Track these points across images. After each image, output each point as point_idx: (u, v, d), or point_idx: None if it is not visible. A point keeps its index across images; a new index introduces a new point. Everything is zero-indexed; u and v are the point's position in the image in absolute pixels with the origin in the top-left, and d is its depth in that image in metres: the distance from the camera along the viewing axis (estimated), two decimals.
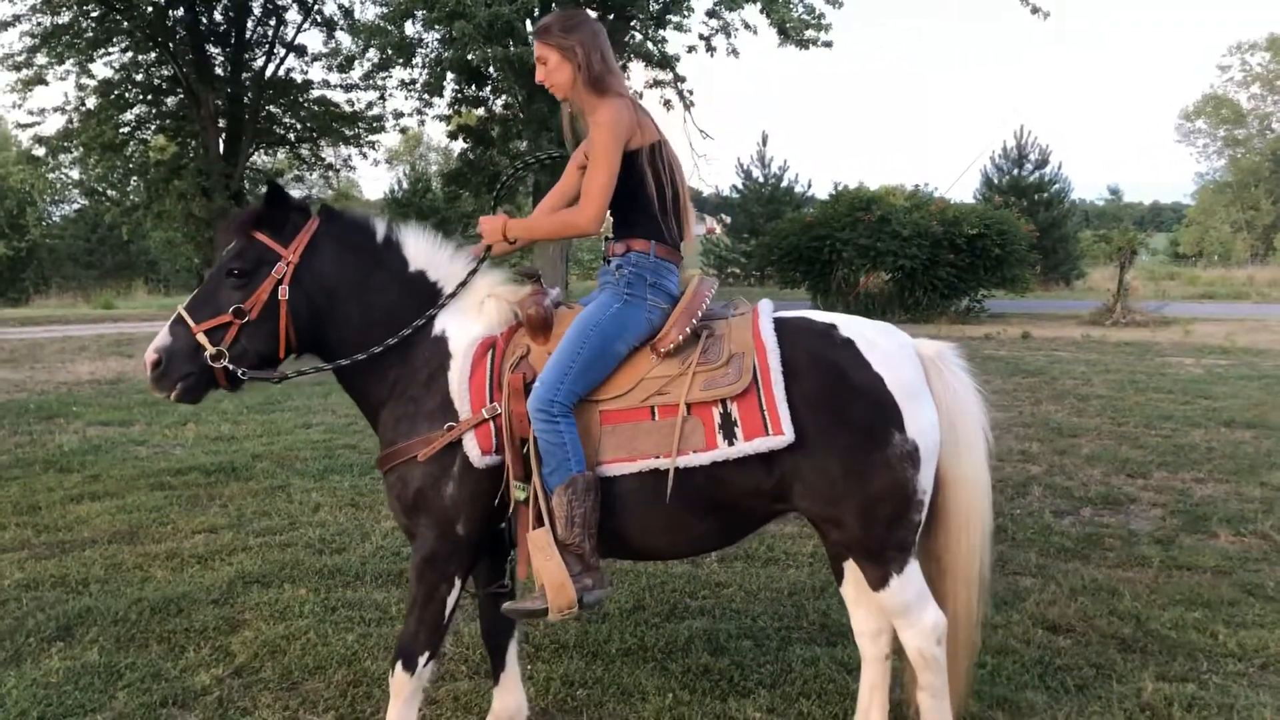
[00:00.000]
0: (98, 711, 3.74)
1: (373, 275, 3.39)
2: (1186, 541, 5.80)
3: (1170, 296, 26.36)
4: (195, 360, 3.37)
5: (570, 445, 3.12)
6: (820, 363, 3.16)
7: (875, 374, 3.14)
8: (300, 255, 3.33)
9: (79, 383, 12.37)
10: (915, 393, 3.18)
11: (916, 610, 3.20)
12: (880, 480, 3.10)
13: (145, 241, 44.33)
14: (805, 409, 3.10)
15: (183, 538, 5.90)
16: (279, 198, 3.41)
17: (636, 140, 3.30)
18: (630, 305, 3.30)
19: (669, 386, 3.18)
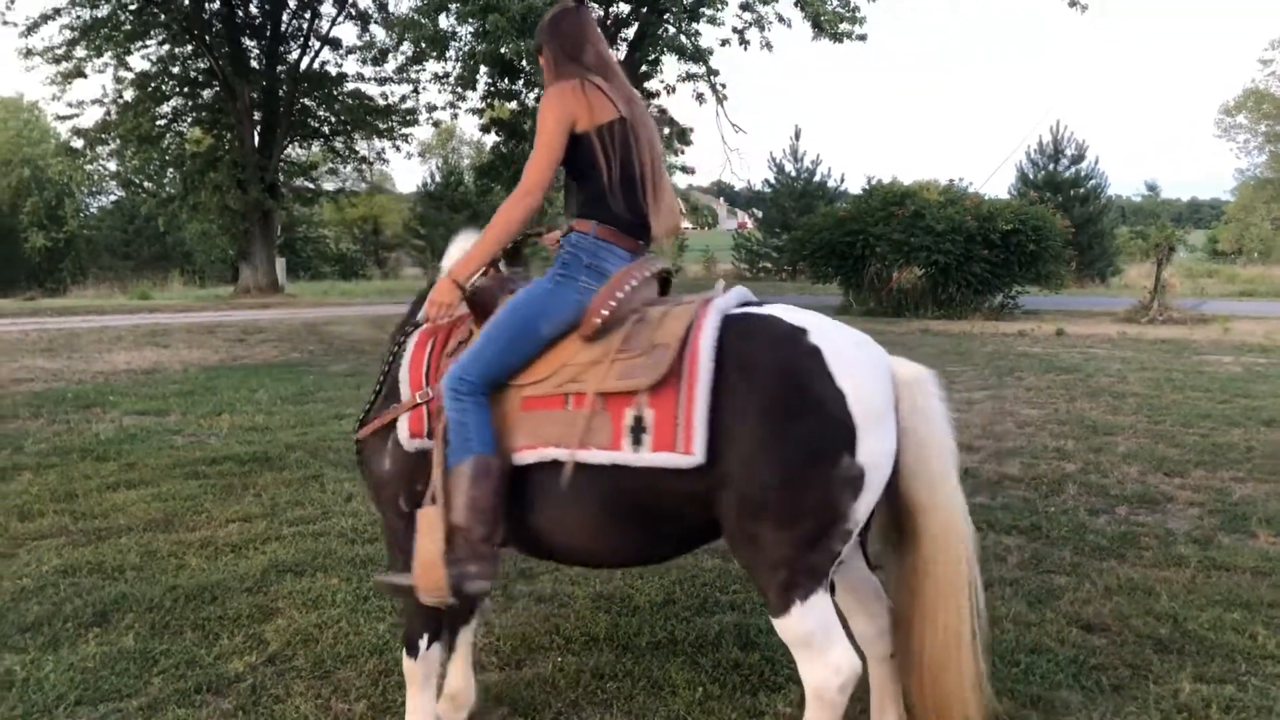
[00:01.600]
0: (133, 696, 3.78)
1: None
2: (1225, 541, 5.72)
3: (1208, 294, 26.01)
4: None
5: (473, 426, 3.06)
6: (778, 367, 2.87)
7: (838, 388, 2.83)
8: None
9: (115, 372, 12.51)
10: (878, 416, 2.87)
11: (819, 645, 2.88)
12: (813, 500, 2.80)
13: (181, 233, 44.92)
14: (749, 416, 2.83)
15: (217, 526, 5.95)
16: None
17: (584, 122, 3.22)
18: (560, 286, 3.21)
19: (586, 374, 3.04)
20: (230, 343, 16.00)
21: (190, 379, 11.94)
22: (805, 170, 45.60)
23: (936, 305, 21.55)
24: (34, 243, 48.03)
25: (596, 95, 3.26)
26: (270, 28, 29.76)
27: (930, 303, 21.65)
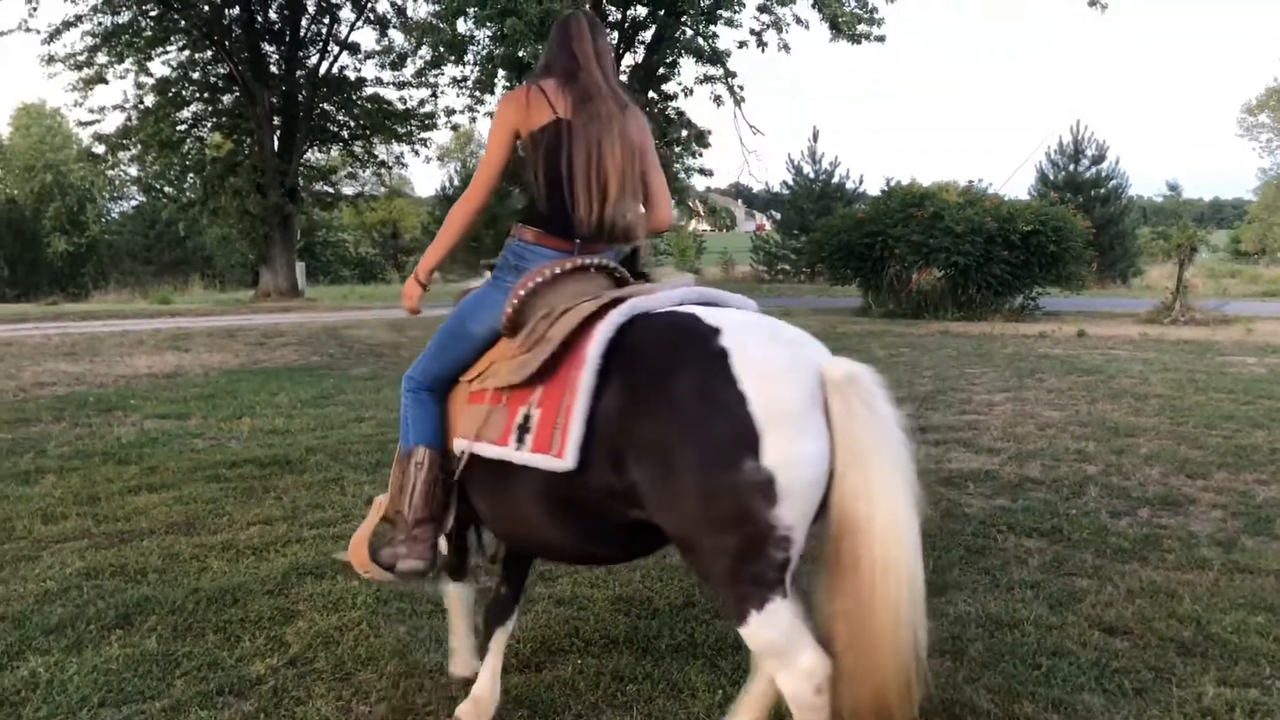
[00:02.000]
0: (156, 699, 3.80)
1: None
2: (1249, 544, 5.68)
3: (1231, 295, 25.83)
4: None
5: (412, 419, 3.37)
6: (678, 370, 2.79)
7: (739, 392, 2.68)
8: None
9: (137, 376, 12.59)
10: (789, 419, 2.69)
11: (786, 653, 2.77)
12: (726, 508, 2.68)
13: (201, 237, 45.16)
14: (648, 421, 2.78)
15: (238, 529, 5.98)
16: None
17: (523, 128, 3.33)
18: (490, 288, 3.42)
19: (497, 369, 3.23)
20: (250, 346, 16.08)
21: (211, 382, 12.00)
22: (823, 172, 45.55)
23: (956, 307, 21.46)
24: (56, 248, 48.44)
25: (538, 99, 3.33)
26: (289, 33, 29.92)
27: (950, 304, 21.56)
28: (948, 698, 3.79)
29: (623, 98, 3.43)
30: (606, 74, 3.43)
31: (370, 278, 50.63)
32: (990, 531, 5.94)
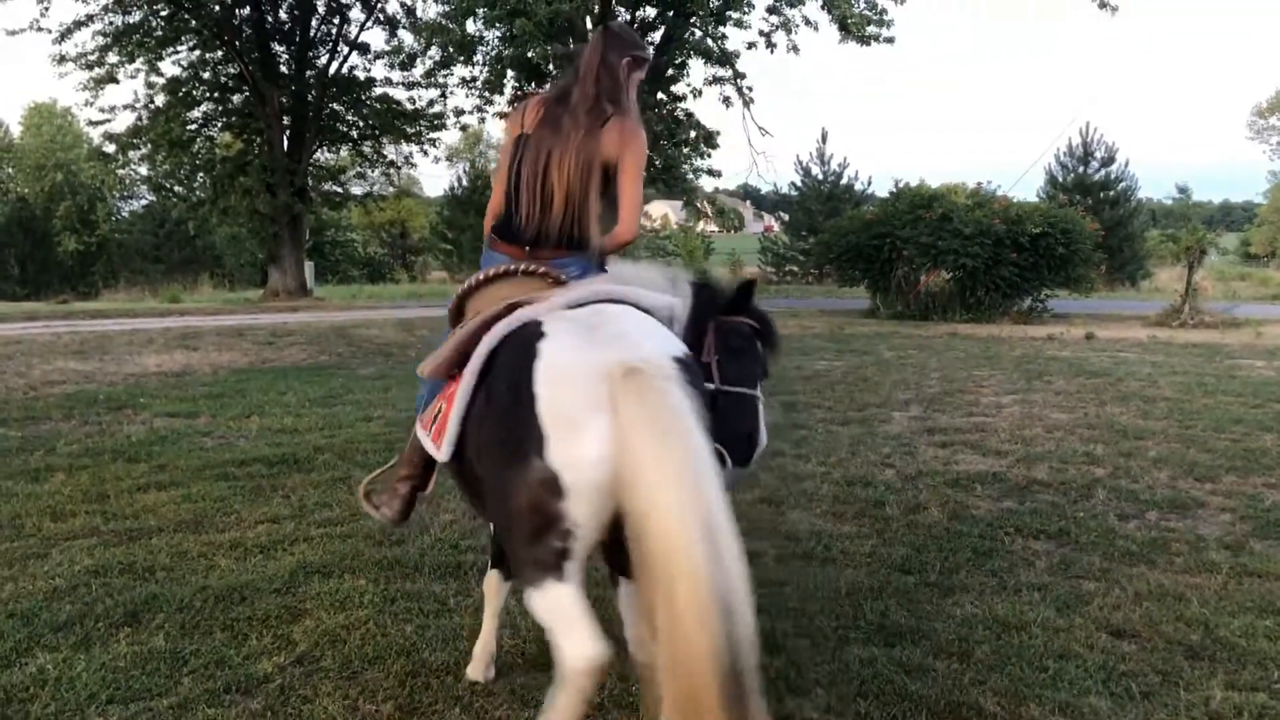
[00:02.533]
0: (163, 696, 3.81)
1: None
2: (1257, 548, 5.67)
3: (1241, 298, 25.77)
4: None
5: (420, 396, 3.63)
6: (504, 374, 3.00)
7: (533, 392, 2.82)
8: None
9: (146, 374, 12.63)
10: (572, 421, 2.75)
11: (557, 630, 2.94)
12: (519, 501, 2.83)
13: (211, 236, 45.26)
14: (482, 419, 3.05)
15: (246, 527, 5.99)
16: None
17: (511, 139, 3.64)
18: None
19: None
20: (259, 345, 16.12)
21: (220, 381, 12.04)
22: (832, 173, 45.49)
23: (964, 309, 21.42)
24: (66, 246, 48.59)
25: (525, 112, 3.64)
26: (299, 33, 29.94)
27: (958, 306, 21.53)
28: (954, 700, 3.79)
29: (605, 112, 3.52)
30: (601, 88, 3.55)
31: (379, 277, 50.67)
32: (997, 533, 5.94)
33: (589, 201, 3.51)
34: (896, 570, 5.30)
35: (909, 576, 5.21)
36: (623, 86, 3.61)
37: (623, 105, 3.59)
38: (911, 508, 6.49)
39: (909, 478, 7.29)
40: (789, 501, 6.61)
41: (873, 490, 6.87)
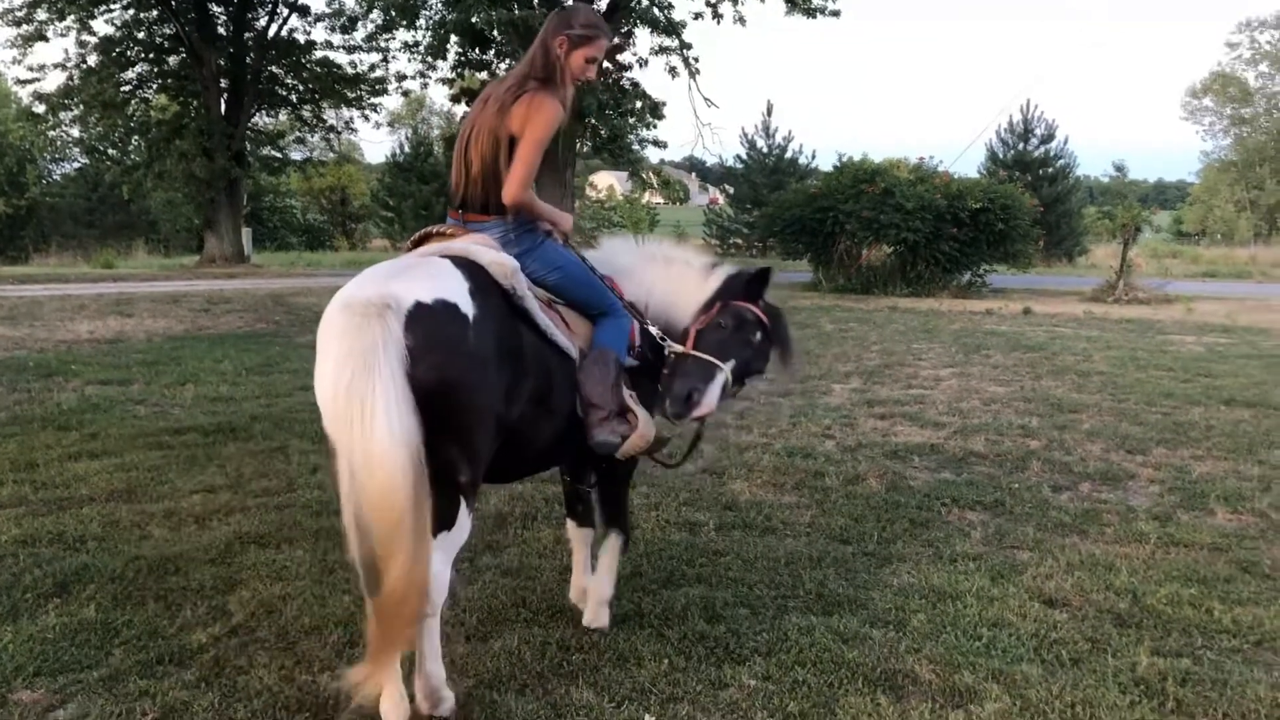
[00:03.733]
0: (94, 668, 3.74)
1: None
2: (1184, 518, 5.81)
3: (1173, 274, 26.28)
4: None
5: None
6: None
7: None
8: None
9: (78, 341, 12.35)
10: (318, 346, 3.19)
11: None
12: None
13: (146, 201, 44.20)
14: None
15: (181, 497, 5.90)
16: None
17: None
18: None
19: None
20: (195, 313, 15.84)
21: (154, 349, 11.80)
22: (777, 146, 45.50)
23: (905, 283, 21.62)
24: None
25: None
26: None
27: (899, 280, 21.72)
28: (889, 668, 3.85)
29: (525, 89, 3.77)
30: (533, 67, 3.82)
31: (318, 245, 49.86)
32: (934, 504, 6.02)
33: (498, 171, 3.74)
34: (835, 540, 5.36)
35: (847, 546, 5.27)
36: (557, 64, 3.81)
37: (553, 82, 3.80)
38: (850, 479, 6.56)
39: (849, 449, 7.36)
40: (730, 472, 6.65)
41: (813, 461, 6.93)
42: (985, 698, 3.63)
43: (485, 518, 5.61)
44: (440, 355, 3.09)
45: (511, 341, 3.39)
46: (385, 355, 2.95)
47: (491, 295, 3.39)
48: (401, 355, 2.99)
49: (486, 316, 3.29)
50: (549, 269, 3.84)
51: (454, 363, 3.13)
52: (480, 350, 3.21)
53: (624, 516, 4.31)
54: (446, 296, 3.19)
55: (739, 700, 3.61)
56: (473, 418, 3.23)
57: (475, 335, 3.21)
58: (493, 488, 6.12)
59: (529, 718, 3.44)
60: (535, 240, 3.85)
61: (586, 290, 3.88)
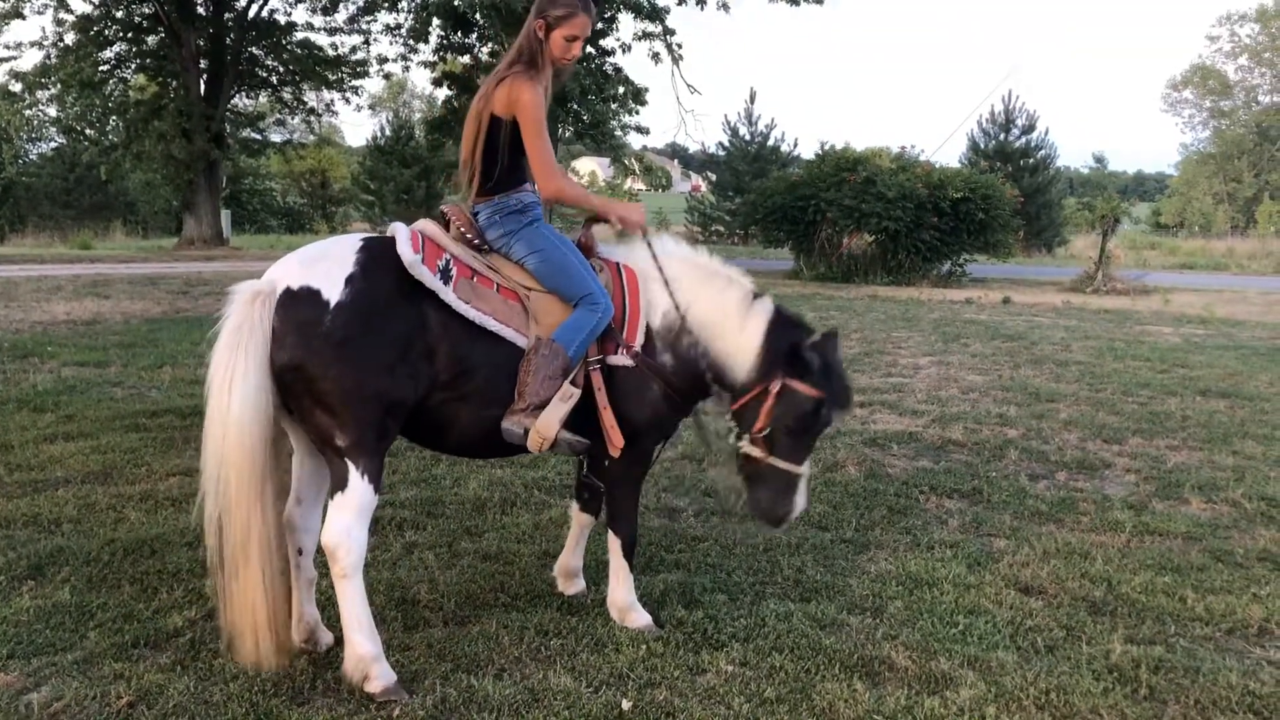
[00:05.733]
0: (68, 651, 3.72)
1: None
2: (1159, 507, 5.85)
3: (1151, 266, 26.45)
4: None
5: None
6: None
7: None
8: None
9: (54, 322, 12.25)
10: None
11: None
12: None
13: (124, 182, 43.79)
14: None
15: (157, 480, 5.86)
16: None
17: None
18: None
19: None
20: (173, 295, 15.73)
21: (132, 331, 11.72)
22: (759, 134, 45.47)
23: (886, 271, 21.67)
24: None
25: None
26: None
27: (879, 269, 21.76)
28: (866, 654, 3.86)
29: (508, 72, 3.82)
30: (520, 53, 3.86)
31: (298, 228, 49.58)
32: (912, 492, 6.05)
33: (475, 155, 3.85)
34: (813, 527, 5.38)
35: (825, 533, 5.29)
36: (538, 48, 3.84)
37: (535, 66, 3.82)
38: (829, 466, 6.58)
39: (827, 436, 7.38)
40: (710, 458, 6.66)
41: None
42: (960, 684, 3.65)
43: (464, 503, 5.61)
44: (295, 337, 3.40)
45: (401, 325, 3.50)
46: (251, 335, 3.37)
47: (382, 279, 3.52)
48: (266, 336, 3.38)
49: (359, 301, 3.46)
50: (528, 252, 3.85)
51: (307, 344, 3.39)
52: (339, 332, 3.40)
53: (624, 519, 4.14)
54: (311, 283, 3.45)
55: (716, 686, 3.62)
56: (332, 391, 3.41)
57: (334, 319, 3.41)
58: (473, 472, 6.12)
59: (506, 702, 3.44)
60: (520, 222, 3.87)
61: (561, 277, 3.83)
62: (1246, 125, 55.09)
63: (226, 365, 3.38)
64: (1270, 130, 54.06)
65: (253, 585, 3.41)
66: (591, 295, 3.81)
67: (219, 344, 3.42)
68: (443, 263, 3.64)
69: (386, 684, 3.45)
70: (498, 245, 3.89)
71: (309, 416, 3.49)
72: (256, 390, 3.36)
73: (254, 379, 3.36)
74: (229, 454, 3.38)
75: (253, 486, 3.40)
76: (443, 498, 5.68)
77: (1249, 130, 54.79)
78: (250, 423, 3.36)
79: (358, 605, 3.50)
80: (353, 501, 3.46)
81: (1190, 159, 58.41)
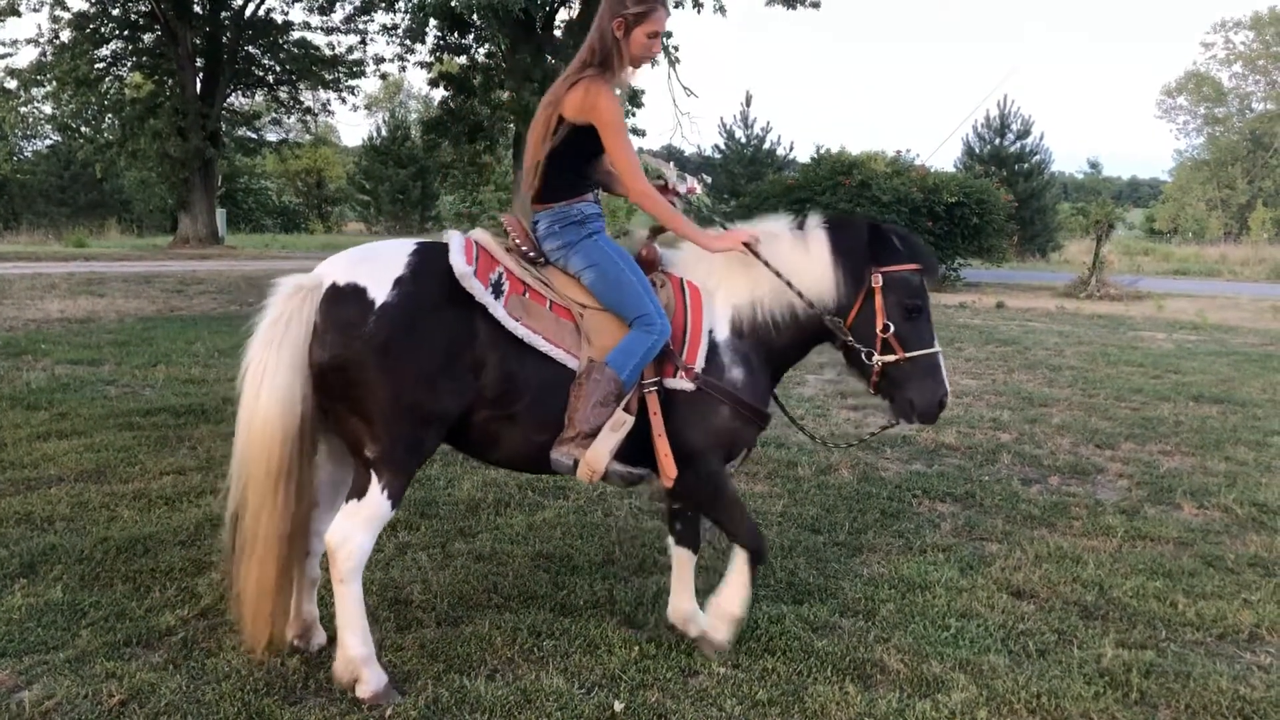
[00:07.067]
0: (60, 649, 3.72)
1: None
2: (1151, 512, 5.87)
3: (1144, 271, 26.53)
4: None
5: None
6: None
7: None
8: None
9: (49, 320, 12.23)
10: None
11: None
12: None
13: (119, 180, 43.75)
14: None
15: (151, 478, 5.86)
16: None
17: None
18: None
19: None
20: (168, 293, 15.71)
21: (126, 329, 11.71)
22: (755, 137, 45.58)
23: None
24: None
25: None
26: None
27: None
28: (858, 657, 3.87)
29: (580, 74, 3.62)
30: (592, 54, 3.65)
31: (293, 227, 49.54)
32: (905, 496, 6.06)
33: (540, 161, 3.68)
34: (806, 530, 5.39)
35: (818, 536, 5.30)
36: (614, 48, 3.64)
37: (610, 67, 3.63)
38: (823, 469, 6.59)
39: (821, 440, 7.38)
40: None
41: (785, 451, 6.95)
42: (952, 687, 3.66)
43: (457, 503, 5.61)
44: (336, 335, 3.32)
45: (448, 334, 3.39)
46: (287, 330, 3.35)
47: (433, 284, 3.41)
48: (304, 332, 3.35)
49: (406, 305, 3.36)
50: (585, 265, 3.67)
51: (348, 344, 3.31)
52: (381, 335, 3.31)
53: (739, 532, 3.88)
54: (359, 281, 3.38)
55: (709, 688, 3.63)
56: (369, 396, 3.34)
57: (379, 320, 3.31)
58: (466, 473, 6.11)
59: (498, 703, 3.44)
60: (579, 234, 3.70)
61: (617, 294, 3.62)
62: (1240, 132, 55.22)
63: (260, 358, 3.37)
64: (1264, 137, 54.20)
65: (254, 577, 3.41)
66: (647, 315, 3.59)
67: (256, 336, 3.41)
68: (495, 276, 3.51)
69: (376, 688, 3.44)
70: (555, 257, 3.73)
71: (343, 421, 3.43)
72: (286, 385, 3.32)
73: (284, 374, 3.33)
74: (249, 446, 3.37)
75: (268, 481, 3.36)
76: (436, 498, 5.68)
77: (1243, 137, 54.93)
78: (276, 417, 3.32)
79: (353, 608, 3.47)
80: (365, 513, 3.40)
81: (1184, 165, 58.54)
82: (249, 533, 3.41)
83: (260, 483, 3.36)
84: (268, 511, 3.38)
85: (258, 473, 3.36)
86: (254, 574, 3.42)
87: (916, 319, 3.83)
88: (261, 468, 3.35)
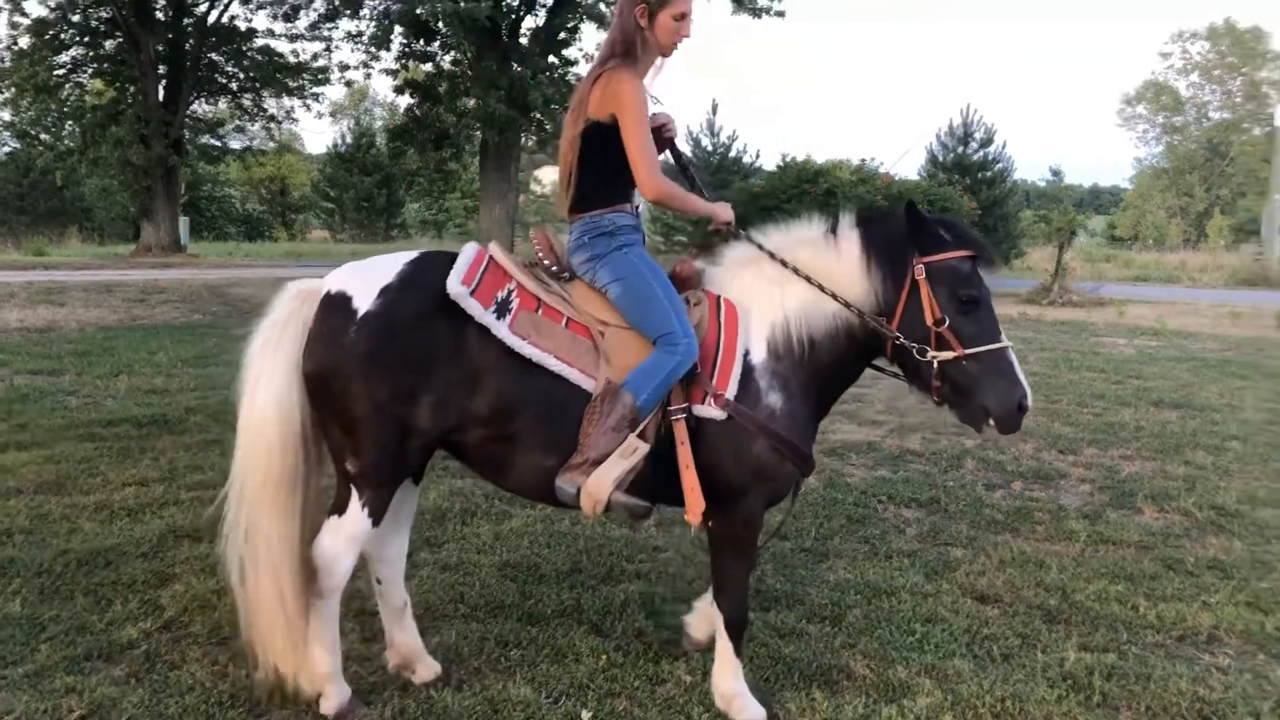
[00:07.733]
0: (18, 664, 3.67)
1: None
2: (1113, 517, 5.94)
3: (1106, 278, 26.79)
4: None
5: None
6: None
7: None
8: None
9: (7, 330, 12.07)
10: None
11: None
12: None
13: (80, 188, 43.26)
14: None
15: (112, 490, 5.79)
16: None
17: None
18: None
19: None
20: (129, 303, 15.53)
21: (87, 339, 11.57)
22: (721, 145, 45.69)
23: None
24: None
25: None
26: None
27: None
28: (825, 663, 3.89)
29: (601, 69, 3.49)
30: (613, 46, 3.50)
31: (257, 235, 49.12)
32: (871, 501, 6.10)
33: (572, 167, 3.53)
34: (773, 536, 5.40)
35: (785, 542, 5.32)
36: (636, 38, 3.46)
37: (633, 55, 3.46)
38: None
39: None
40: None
41: None
42: (918, 692, 3.69)
43: (424, 513, 5.58)
44: (321, 343, 3.26)
45: (431, 347, 3.23)
46: (284, 333, 3.30)
47: (420, 295, 3.27)
48: (301, 336, 3.29)
49: (394, 316, 3.23)
50: (611, 279, 3.45)
51: (330, 352, 3.24)
52: (362, 345, 3.20)
53: (730, 594, 3.55)
54: (347, 289, 3.30)
55: (676, 696, 3.63)
56: (351, 407, 3.22)
57: (359, 329, 3.21)
58: (433, 482, 6.08)
59: (466, 714, 3.43)
60: (608, 245, 3.48)
61: (641, 311, 3.37)
62: (1198, 141, 56.04)
63: (258, 361, 3.31)
64: (1220, 146, 55.02)
65: (262, 596, 3.30)
66: (671, 335, 3.31)
67: (256, 339, 3.35)
68: (503, 293, 3.31)
69: (340, 703, 3.40)
70: (582, 271, 3.52)
71: (328, 432, 3.33)
72: (283, 389, 3.26)
73: (281, 378, 3.26)
74: (248, 453, 3.30)
75: (267, 490, 3.27)
76: None
77: (1200, 146, 55.74)
78: (273, 421, 3.25)
79: (325, 624, 3.38)
80: (346, 530, 3.31)
81: (1144, 173, 59.32)
82: (249, 548, 3.31)
83: (257, 490, 3.28)
84: (272, 523, 3.28)
85: (255, 480, 3.28)
86: (261, 593, 3.28)
87: (973, 311, 3.48)
88: (259, 475, 3.27)
